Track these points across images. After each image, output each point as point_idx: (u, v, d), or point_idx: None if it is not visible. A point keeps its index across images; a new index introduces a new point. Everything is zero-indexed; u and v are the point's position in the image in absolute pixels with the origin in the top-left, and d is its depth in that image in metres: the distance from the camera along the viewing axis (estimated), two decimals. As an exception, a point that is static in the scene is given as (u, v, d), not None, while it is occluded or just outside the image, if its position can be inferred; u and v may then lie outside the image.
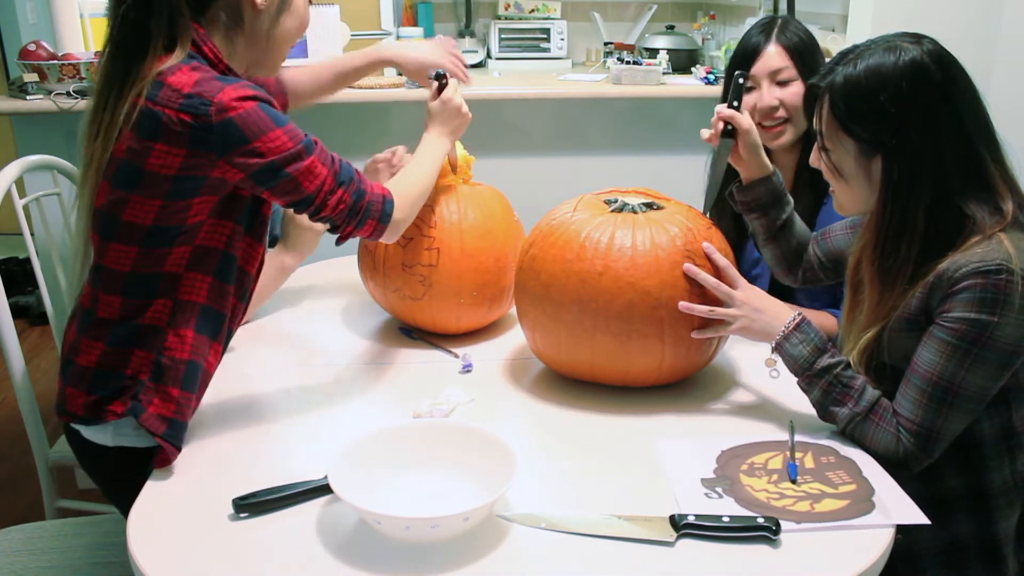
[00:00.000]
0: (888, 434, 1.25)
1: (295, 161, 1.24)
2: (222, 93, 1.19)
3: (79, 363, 1.30)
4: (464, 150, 1.72)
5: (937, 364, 1.22)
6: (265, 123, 1.21)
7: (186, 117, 1.18)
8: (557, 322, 1.42)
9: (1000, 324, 1.19)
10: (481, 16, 3.80)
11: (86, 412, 1.30)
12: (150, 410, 1.26)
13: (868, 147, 1.27)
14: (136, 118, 1.20)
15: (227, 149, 1.20)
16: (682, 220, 1.44)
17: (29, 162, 1.91)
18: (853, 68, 1.26)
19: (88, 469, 1.44)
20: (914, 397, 1.24)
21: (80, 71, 2.53)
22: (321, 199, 1.27)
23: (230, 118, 1.18)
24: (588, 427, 1.38)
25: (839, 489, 1.19)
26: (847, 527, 1.11)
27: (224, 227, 1.29)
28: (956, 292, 1.20)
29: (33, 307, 3.97)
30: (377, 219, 1.34)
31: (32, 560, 1.53)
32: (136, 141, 1.21)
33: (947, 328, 1.21)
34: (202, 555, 1.07)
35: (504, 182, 1.90)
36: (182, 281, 1.28)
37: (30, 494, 2.61)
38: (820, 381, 1.29)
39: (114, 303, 1.27)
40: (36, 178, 2.07)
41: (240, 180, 1.23)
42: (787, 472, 1.22)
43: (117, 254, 1.26)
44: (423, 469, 1.18)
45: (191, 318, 1.29)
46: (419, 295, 1.63)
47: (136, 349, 1.28)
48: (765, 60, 1.77)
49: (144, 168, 1.20)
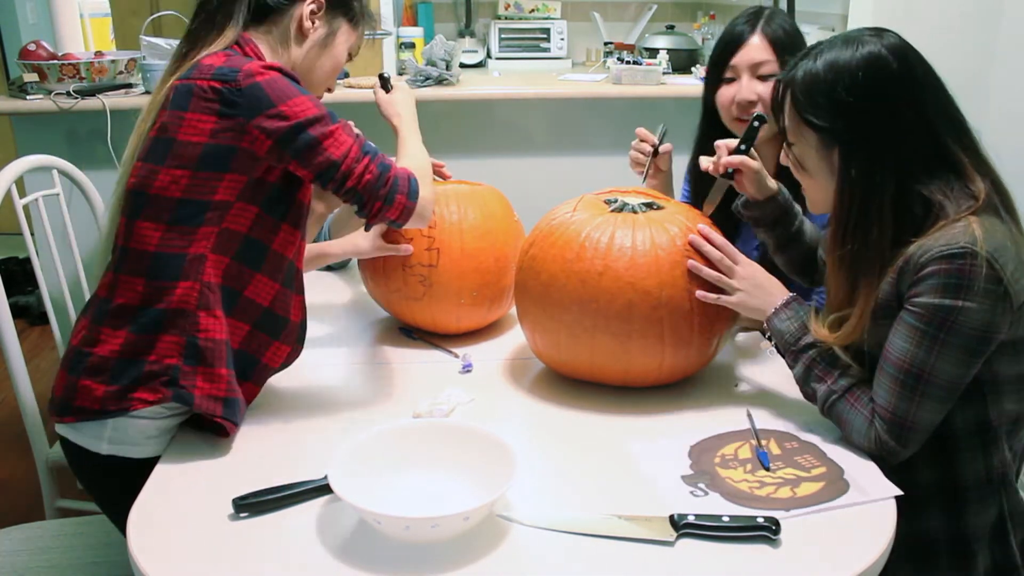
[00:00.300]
0: (861, 417, 1.26)
1: (319, 124, 1.27)
2: (249, 64, 1.27)
3: (98, 353, 1.28)
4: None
5: (907, 351, 1.22)
6: (290, 88, 1.26)
7: (216, 83, 1.25)
8: (557, 322, 1.42)
9: (964, 309, 1.18)
10: (481, 16, 3.80)
11: (104, 404, 1.28)
12: (197, 394, 1.27)
13: (827, 139, 1.27)
14: (171, 96, 1.29)
15: (253, 113, 1.24)
16: (682, 220, 1.44)
17: (29, 162, 1.91)
18: (813, 62, 1.27)
19: (80, 477, 1.43)
20: (887, 385, 1.24)
21: (80, 71, 2.53)
22: (348, 166, 1.28)
23: (256, 82, 1.24)
24: (588, 427, 1.38)
25: (812, 472, 1.23)
26: (831, 507, 1.12)
27: (249, 211, 1.30)
28: (922, 277, 1.20)
29: (33, 307, 3.97)
30: (406, 195, 1.31)
31: (32, 560, 1.53)
32: (168, 115, 1.28)
33: (914, 313, 1.21)
34: (202, 555, 1.07)
35: (504, 182, 1.90)
36: (207, 262, 1.28)
37: (30, 494, 2.60)
38: (803, 356, 1.32)
39: (137, 286, 1.28)
40: (36, 178, 2.07)
41: (268, 149, 1.26)
42: (759, 461, 1.25)
43: (143, 232, 1.27)
44: (423, 469, 1.18)
45: (219, 298, 1.30)
46: (419, 295, 1.63)
47: (163, 334, 1.28)
48: (748, 51, 1.72)
49: (176, 138, 1.26)
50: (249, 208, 1.30)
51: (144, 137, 1.32)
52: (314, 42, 1.40)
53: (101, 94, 2.50)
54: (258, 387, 1.40)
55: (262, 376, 1.40)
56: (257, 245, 1.32)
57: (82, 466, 1.37)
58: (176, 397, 1.27)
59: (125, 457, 1.31)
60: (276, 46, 1.39)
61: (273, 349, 1.38)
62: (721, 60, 1.74)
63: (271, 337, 1.37)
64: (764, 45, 1.71)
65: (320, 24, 1.40)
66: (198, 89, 1.25)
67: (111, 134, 2.48)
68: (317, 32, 1.40)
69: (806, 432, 1.33)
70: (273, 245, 1.34)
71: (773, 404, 1.43)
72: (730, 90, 1.74)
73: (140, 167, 1.29)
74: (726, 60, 1.73)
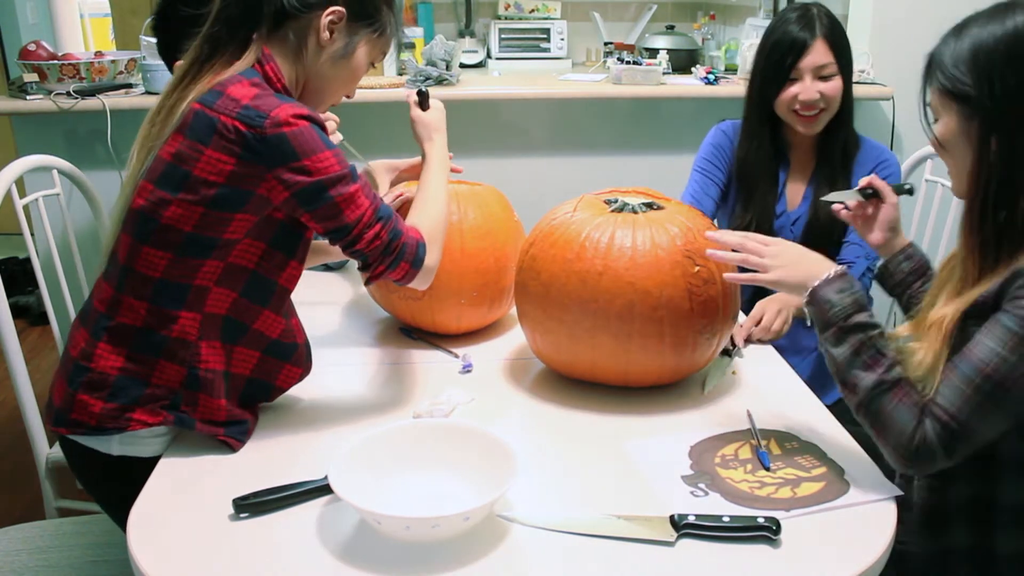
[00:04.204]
0: (909, 414, 1.14)
1: (341, 184, 1.24)
2: (279, 109, 1.21)
3: (96, 369, 1.27)
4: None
5: (995, 354, 1.11)
6: (316, 143, 1.23)
7: (241, 126, 1.20)
8: (557, 322, 1.42)
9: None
10: (481, 16, 3.80)
11: (101, 421, 1.27)
12: (198, 419, 1.28)
13: (967, 110, 1.19)
14: (189, 122, 1.23)
15: (276, 163, 1.21)
16: (682, 220, 1.44)
17: (29, 162, 1.91)
18: (958, 35, 1.22)
19: (85, 480, 1.42)
20: (957, 385, 1.13)
21: (80, 71, 2.53)
22: (359, 230, 1.27)
23: (283, 133, 1.20)
24: (588, 427, 1.38)
25: (812, 472, 1.22)
26: (832, 507, 1.12)
27: (257, 248, 1.29)
28: (1020, 280, 1.11)
29: (33, 307, 3.97)
30: (411, 263, 1.32)
31: (31, 559, 1.53)
32: (186, 145, 1.23)
33: (1016, 317, 1.11)
34: (202, 555, 1.07)
35: (504, 182, 1.90)
36: (210, 294, 1.27)
37: (30, 494, 2.61)
38: (852, 338, 1.19)
39: (140, 309, 1.26)
40: (36, 178, 2.07)
41: (284, 200, 1.24)
42: (759, 461, 1.25)
43: (150, 258, 1.25)
44: (423, 469, 1.18)
45: (218, 328, 1.29)
46: (419, 295, 1.63)
47: (163, 360, 1.27)
48: (812, 56, 1.85)
49: (192, 172, 1.22)
50: (256, 244, 1.28)
51: (153, 155, 1.27)
52: (331, 54, 1.34)
53: (101, 94, 2.50)
54: (270, 402, 1.42)
55: (275, 396, 1.41)
56: (264, 281, 1.31)
57: (89, 468, 1.36)
58: (177, 421, 1.28)
59: (135, 457, 1.31)
60: (291, 55, 1.33)
61: (285, 372, 1.38)
62: (785, 65, 1.87)
63: (282, 361, 1.37)
64: (825, 49, 1.86)
65: (339, 36, 1.34)
66: (221, 126, 1.20)
67: (111, 134, 2.48)
68: (335, 44, 1.34)
69: (806, 432, 1.33)
70: (280, 280, 1.33)
71: (773, 404, 1.44)
72: (792, 90, 1.87)
73: (152, 191, 1.25)
74: (791, 65, 1.86)
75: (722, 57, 3.22)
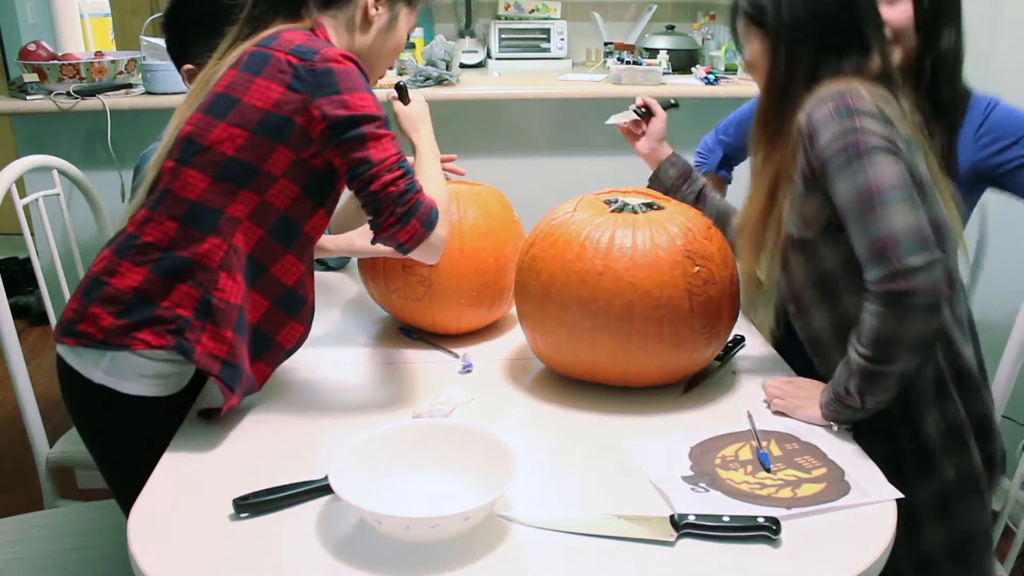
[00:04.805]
0: (870, 301, 1.26)
1: (373, 124, 1.30)
2: (329, 48, 1.32)
3: (115, 284, 1.30)
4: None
5: (849, 187, 1.28)
6: (359, 83, 1.31)
7: (293, 59, 1.30)
8: (557, 322, 1.42)
9: (864, 126, 1.27)
10: (481, 16, 3.79)
11: (107, 335, 1.30)
12: (199, 349, 1.30)
13: (764, 32, 1.40)
14: (244, 59, 1.34)
15: (318, 93, 1.28)
16: (682, 220, 1.44)
17: (29, 162, 1.91)
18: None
19: (68, 401, 1.43)
20: (856, 230, 1.28)
21: (80, 71, 2.53)
22: (379, 170, 1.29)
23: (331, 67, 1.29)
24: (588, 427, 1.38)
25: (813, 473, 1.22)
26: (832, 508, 1.12)
27: (291, 190, 1.34)
28: (816, 127, 1.30)
29: (33, 307, 3.97)
30: (422, 223, 1.31)
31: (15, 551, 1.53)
32: (239, 77, 1.32)
33: (831, 158, 1.29)
34: (202, 555, 1.07)
35: (504, 182, 1.90)
36: (239, 227, 1.31)
37: (30, 494, 2.60)
38: (852, 380, 1.30)
39: (169, 228, 1.30)
40: (36, 178, 2.07)
41: (320, 132, 1.29)
42: (760, 462, 1.24)
43: (188, 179, 1.31)
44: (423, 469, 1.18)
45: (242, 265, 1.33)
46: (419, 295, 1.63)
47: (180, 283, 1.30)
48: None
49: (242, 99, 1.31)
50: (292, 187, 1.33)
51: (205, 90, 1.35)
52: (379, 28, 1.45)
53: (101, 94, 2.50)
54: (270, 367, 1.42)
55: (275, 356, 1.42)
56: (292, 224, 1.36)
57: (72, 390, 1.38)
58: (178, 347, 1.30)
59: (115, 390, 1.33)
60: (342, 30, 1.43)
61: (288, 328, 1.41)
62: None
63: (288, 315, 1.40)
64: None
65: (383, 10, 1.45)
66: (274, 60, 1.30)
67: (111, 134, 2.48)
68: (381, 18, 1.45)
69: (807, 433, 1.33)
70: (306, 227, 1.38)
71: (773, 404, 1.43)
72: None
73: (199, 118, 1.33)
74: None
75: (722, 57, 3.22)
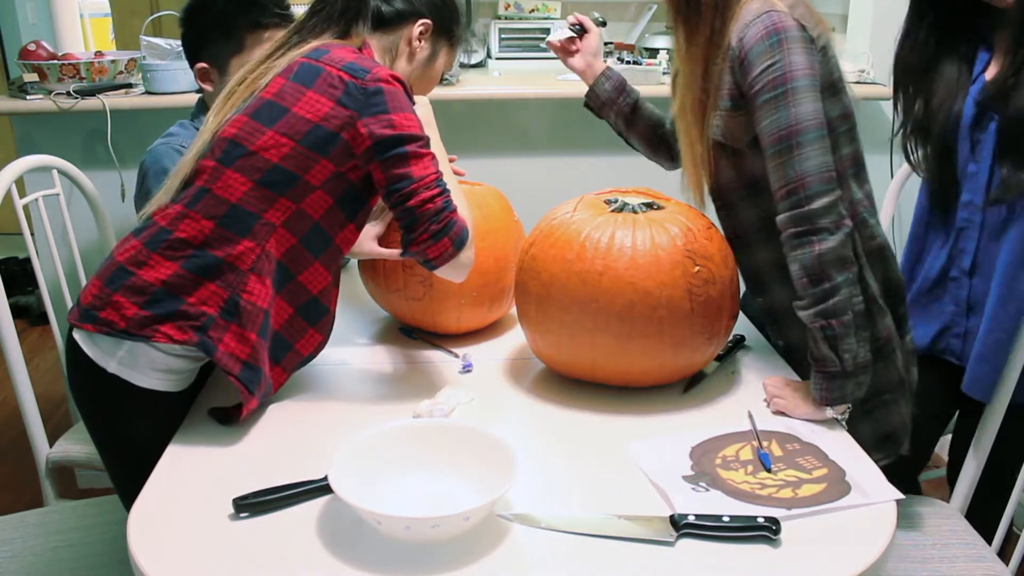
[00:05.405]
0: (787, 250, 1.36)
1: (416, 144, 1.33)
2: (380, 68, 1.35)
3: (142, 276, 1.31)
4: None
5: (772, 124, 1.35)
6: (405, 104, 1.35)
7: (344, 75, 1.33)
8: (557, 322, 1.42)
9: (792, 60, 1.34)
10: (481, 16, 3.79)
11: (129, 326, 1.30)
12: (221, 348, 1.31)
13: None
14: (295, 69, 1.36)
15: (367, 111, 1.32)
16: (682, 220, 1.44)
17: (29, 162, 1.91)
18: None
19: (75, 386, 1.43)
20: (773, 167, 1.36)
21: (80, 71, 2.53)
22: (417, 187, 1.32)
23: (381, 87, 1.33)
24: (588, 427, 1.38)
25: (813, 474, 1.22)
26: (832, 508, 1.12)
27: (326, 202, 1.36)
28: (747, 56, 1.37)
29: (33, 307, 3.97)
30: (453, 242, 1.33)
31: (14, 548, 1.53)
32: (289, 86, 1.35)
33: (759, 91, 1.36)
34: (202, 555, 1.07)
35: (504, 182, 1.90)
36: (274, 233, 1.33)
37: (30, 494, 2.61)
38: (822, 339, 1.35)
39: (205, 227, 1.32)
40: (36, 178, 2.07)
41: (365, 149, 1.32)
42: (761, 462, 1.24)
43: (230, 182, 1.33)
44: (423, 469, 1.18)
45: (272, 270, 1.34)
46: (419, 296, 1.63)
47: (209, 282, 1.31)
48: None
49: (291, 108, 1.33)
50: (327, 198, 1.36)
51: (252, 93, 1.38)
52: (419, 60, 1.51)
53: (101, 94, 2.50)
54: (286, 374, 1.43)
55: (291, 363, 1.42)
56: (323, 234, 1.38)
57: (82, 377, 1.38)
58: (200, 344, 1.30)
59: (127, 381, 1.33)
60: (386, 55, 1.48)
61: (307, 336, 1.42)
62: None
63: (309, 324, 1.41)
64: None
65: (426, 44, 1.50)
66: (326, 74, 1.33)
67: (111, 134, 2.48)
68: (424, 51, 1.51)
69: (808, 434, 1.33)
70: (336, 238, 1.39)
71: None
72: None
73: (245, 122, 1.34)
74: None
75: (722, 57, 3.22)
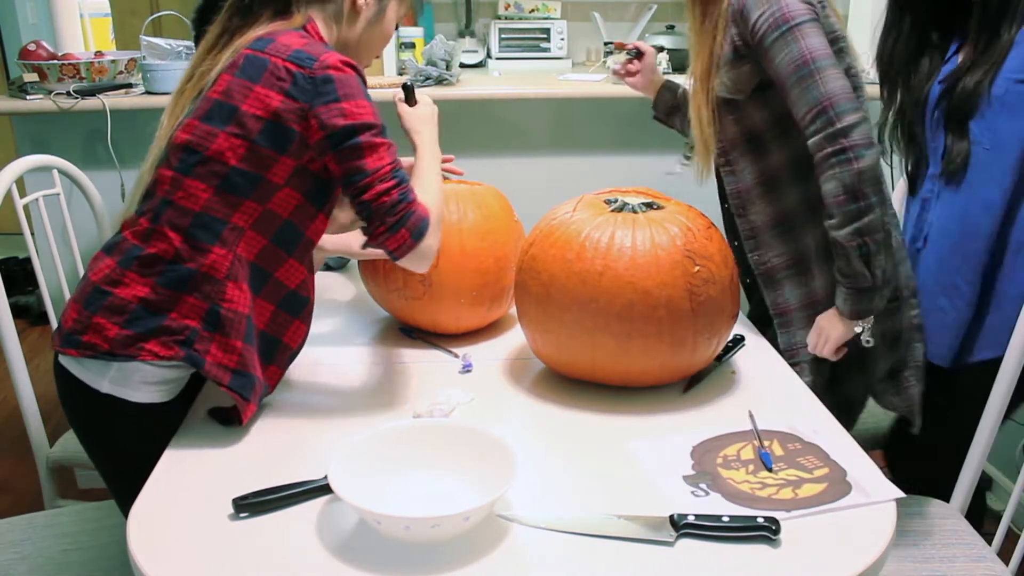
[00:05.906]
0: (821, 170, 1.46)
1: (370, 133, 1.30)
2: (329, 55, 1.31)
3: (119, 295, 1.30)
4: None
5: (786, 59, 1.46)
6: (358, 91, 1.31)
7: (291, 66, 1.29)
8: (557, 322, 1.42)
9: (787, 2, 1.45)
10: (481, 16, 3.80)
11: (112, 346, 1.29)
12: (208, 360, 1.30)
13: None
14: (240, 63, 1.32)
15: (317, 101, 1.28)
16: (682, 220, 1.44)
17: (29, 162, 1.91)
18: None
19: (68, 406, 1.41)
20: (797, 96, 1.46)
21: (80, 71, 2.53)
22: (372, 180, 1.30)
23: (331, 75, 1.29)
24: (588, 427, 1.38)
25: (814, 473, 1.22)
26: (833, 508, 1.12)
27: (294, 198, 1.34)
28: (745, 7, 1.47)
29: (33, 307, 3.97)
30: (411, 233, 1.31)
31: (2, 554, 1.53)
32: (235, 83, 1.31)
33: (765, 34, 1.47)
34: (202, 555, 1.07)
35: (504, 182, 1.90)
36: (243, 237, 1.32)
37: (30, 494, 2.61)
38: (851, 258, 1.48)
39: (174, 240, 1.30)
40: (36, 178, 2.07)
41: (317, 140, 1.29)
42: (762, 461, 1.24)
43: (191, 190, 1.30)
44: (423, 469, 1.18)
45: (247, 274, 1.33)
46: (419, 295, 1.63)
47: (187, 295, 1.30)
48: None
49: (240, 107, 1.29)
50: (294, 195, 1.34)
51: (198, 94, 1.35)
52: (367, 19, 1.45)
53: (101, 94, 2.50)
54: (281, 370, 1.42)
55: (284, 358, 1.42)
56: (294, 230, 1.36)
57: (75, 399, 1.36)
58: (187, 359, 1.30)
59: (122, 399, 1.32)
60: (331, 22, 1.43)
61: (293, 328, 1.41)
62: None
63: (292, 316, 1.41)
64: None
65: (372, 1, 1.45)
66: (272, 66, 1.29)
67: (111, 134, 2.48)
68: (369, 9, 1.45)
69: (810, 433, 1.33)
70: (307, 232, 1.38)
71: (776, 405, 1.43)
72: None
73: (198, 126, 1.31)
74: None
75: (722, 57, 3.22)
